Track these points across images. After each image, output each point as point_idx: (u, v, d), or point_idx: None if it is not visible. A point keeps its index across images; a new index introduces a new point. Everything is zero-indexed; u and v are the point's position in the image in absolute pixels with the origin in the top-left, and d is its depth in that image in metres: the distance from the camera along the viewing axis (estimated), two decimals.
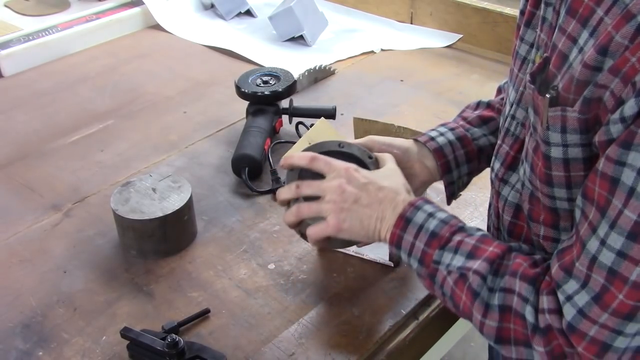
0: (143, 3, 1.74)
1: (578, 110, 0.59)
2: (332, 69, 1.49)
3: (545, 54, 0.65)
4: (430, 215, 0.72)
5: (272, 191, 1.09)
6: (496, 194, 0.78)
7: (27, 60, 1.55)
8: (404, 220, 0.72)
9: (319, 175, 0.78)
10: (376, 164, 0.81)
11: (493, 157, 0.80)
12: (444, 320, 0.92)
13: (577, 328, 0.60)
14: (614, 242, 0.57)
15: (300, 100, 1.31)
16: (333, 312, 0.87)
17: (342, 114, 1.27)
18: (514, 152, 0.75)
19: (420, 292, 0.90)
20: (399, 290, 0.90)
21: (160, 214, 0.94)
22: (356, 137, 0.96)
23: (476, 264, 0.67)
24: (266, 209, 1.07)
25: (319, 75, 1.46)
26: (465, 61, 1.54)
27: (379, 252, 0.93)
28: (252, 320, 0.86)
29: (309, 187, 0.77)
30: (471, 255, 0.68)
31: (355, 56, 1.58)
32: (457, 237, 0.70)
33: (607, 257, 0.58)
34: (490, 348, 1.04)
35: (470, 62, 1.54)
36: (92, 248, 1.00)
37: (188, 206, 0.97)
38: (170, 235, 0.96)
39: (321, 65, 1.46)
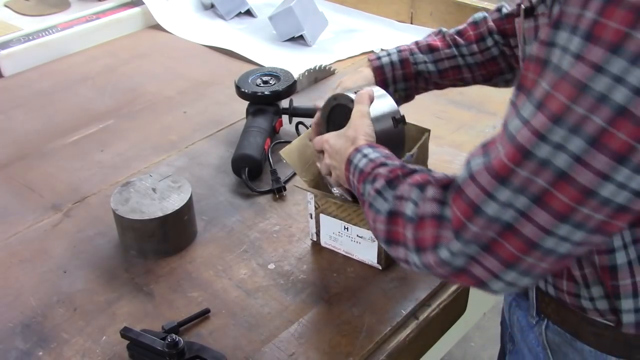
0: (143, 3, 1.74)
1: (547, 16, 0.61)
2: (332, 69, 1.49)
3: None
4: (365, 155, 0.77)
5: (272, 191, 1.09)
6: None
7: (27, 60, 1.55)
8: (349, 163, 0.78)
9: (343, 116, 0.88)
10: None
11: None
12: (444, 320, 0.92)
13: (461, 187, 0.60)
14: (529, 114, 0.56)
15: (300, 100, 1.31)
16: (333, 312, 0.87)
17: None
18: None
19: (420, 292, 0.90)
20: (399, 290, 0.90)
21: (160, 214, 0.94)
22: None
23: (377, 181, 0.72)
24: (266, 209, 1.07)
25: (319, 75, 1.46)
26: None
27: (366, 254, 0.93)
28: (252, 320, 0.86)
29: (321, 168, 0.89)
30: (377, 179, 0.73)
31: (355, 56, 1.58)
32: (377, 171, 0.73)
33: (522, 135, 0.56)
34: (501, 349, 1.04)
35: None
36: (92, 248, 1.00)
37: (188, 206, 0.97)
38: (170, 235, 0.96)
39: (321, 65, 1.45)
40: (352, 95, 0.87)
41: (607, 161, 0.53)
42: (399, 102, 0.97)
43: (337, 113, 0.90)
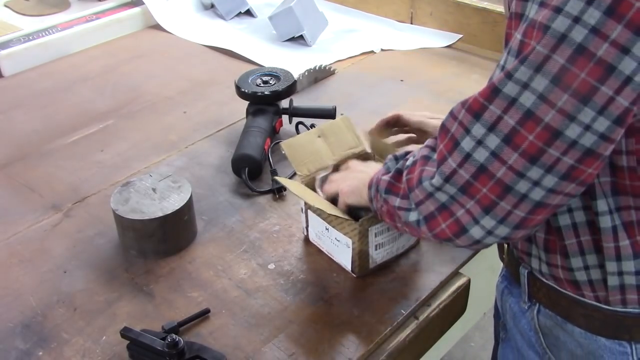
0: (143, 3, 1.74)
1: None
2: (332, 69, 1.49)
3: None
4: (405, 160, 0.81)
5: (272, 191, 1.09)
6: None
7: (27, 60, 1.55)
8: (384, 167, 0.80)
9: None
10: None
11: None
12: (444, 320, 0.92)
13: (445, 125, 0.65)
14: (508, 64, 0.59)
15: (300, 100, 1.31)
16: (333, 312, 0.87)
17: (342, 114, 1.27)
18: None
19: (420, 292, 0.90)
20: (399, 290, 0.90)
21: (160, 214, 0.94)
22: (371, 147, 0.99)
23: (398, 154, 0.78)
24: (266, 209, 1.07)
25: (319, 75, 1.46)
26: (465, 61, 1.54)
27: (342, 259, 0.93)
28: (252, 320, 0.86)
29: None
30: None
31: (355, 56, 1.58)
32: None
33: (496, 77, 0.60)
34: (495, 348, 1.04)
35: (470, 62, 1.54)
36: (92, 248, 1.00)
37: (188, 206, 0.97)
38: (170, 235, 0.96)
39: (321, 65, 1.45)
40: None
41: (571, 100, 0.56)
42: None
43: None
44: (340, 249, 0.92)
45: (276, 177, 0.94)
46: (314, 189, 0.94)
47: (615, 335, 0.73)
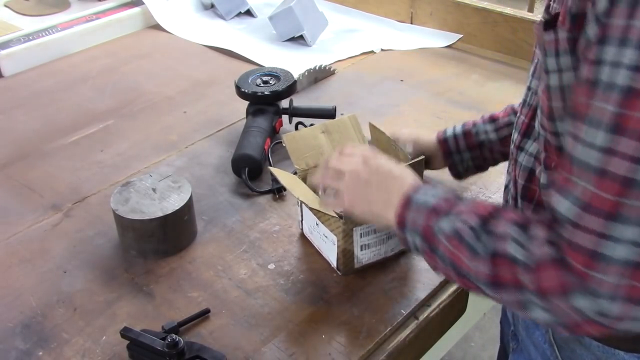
0: (143, 3, 1.74)
1: (567, 29, 0.60)
2: (332, 69, 1.49)
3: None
4: (433, 195, 0.72)
5: (272, 191, 1.09)
6: (514, 162, 0.79)
7: (27, 60, 1.55)
8: (407, 200, 0.72)
9: None
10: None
11: (513, 130, 0.81)
12: (444, 320, 0.92)
13: (570, 239, 0.57)
14: (622, 146, 0.53)
15: (300, 100, 1.31)
16: (333, 312, 0.87)
17: (342, 114, 1.27)
18: (528, 119, 0.77)
19: (420, 292, 0.90)
20: (399, 290, 0.90)
21: (160, 214, 0.94)
22: (373, 142, 0.98)
23: (467, 218, 0.66)
24: (266, 209, 1.07)
25: (319, 75, 1.46)
26: (465, 61, 1.54)
27: (330, 255, 0.93)
28: (252, 320, 0.86)
29: (335, 162, 0.82)
30: (464, 216, 0.68)
31: (355, 56, 1.58)
32: (455, 208, 0.69)
33: (613, 164, 0.53)
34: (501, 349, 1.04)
35: (470, 62, 1.54)
36: (92, 248, 1.00)
37: (188, 206, 0.97)
38: (170, 235, 0.96)
39: (321, 65, 1.46)
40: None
41: None
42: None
43: None
44: (327, 245, 0.92)
45: (269, 168, 0.93)
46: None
47: (635, 348, 0.72)
